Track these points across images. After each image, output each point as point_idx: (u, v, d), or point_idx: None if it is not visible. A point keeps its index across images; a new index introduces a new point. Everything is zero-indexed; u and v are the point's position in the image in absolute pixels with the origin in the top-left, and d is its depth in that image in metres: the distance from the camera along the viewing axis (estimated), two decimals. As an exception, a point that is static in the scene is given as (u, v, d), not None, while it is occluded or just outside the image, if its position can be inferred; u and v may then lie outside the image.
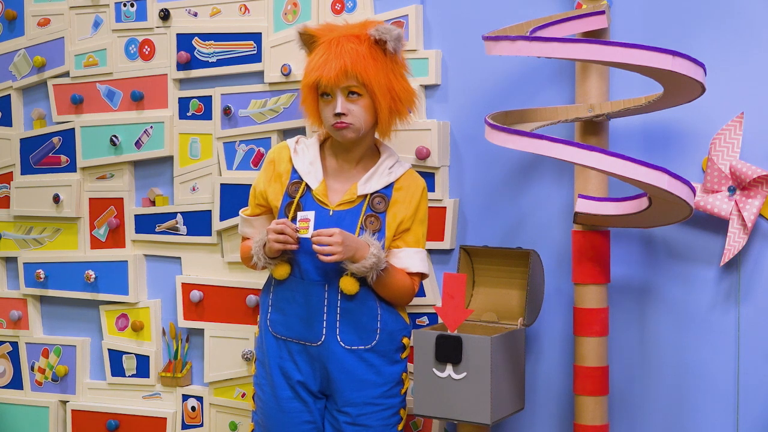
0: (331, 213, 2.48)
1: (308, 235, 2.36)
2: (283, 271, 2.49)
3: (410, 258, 2.53)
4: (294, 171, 2.55)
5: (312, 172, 2.53)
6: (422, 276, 2.58)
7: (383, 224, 2.48)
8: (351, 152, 2.54)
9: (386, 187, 2.52)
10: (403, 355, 2.57)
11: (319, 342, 2.48)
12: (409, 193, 2.53)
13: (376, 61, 2.43)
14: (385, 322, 2.51)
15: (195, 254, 3.19)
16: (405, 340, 2.57)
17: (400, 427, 2.57)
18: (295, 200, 2.50)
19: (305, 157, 2.56)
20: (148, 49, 3.21)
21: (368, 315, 2.49)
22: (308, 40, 2.52)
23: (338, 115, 2.44)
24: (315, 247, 2.35)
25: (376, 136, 2.58)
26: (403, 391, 2.57)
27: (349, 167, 2.55)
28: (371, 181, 2.51)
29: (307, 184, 2.52)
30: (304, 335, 2.50)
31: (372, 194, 2.50)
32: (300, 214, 2.40)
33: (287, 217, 2.49)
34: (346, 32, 2.46)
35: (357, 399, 2.49)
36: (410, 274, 2.53)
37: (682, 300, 2.60)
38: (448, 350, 2.46)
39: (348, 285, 2.44)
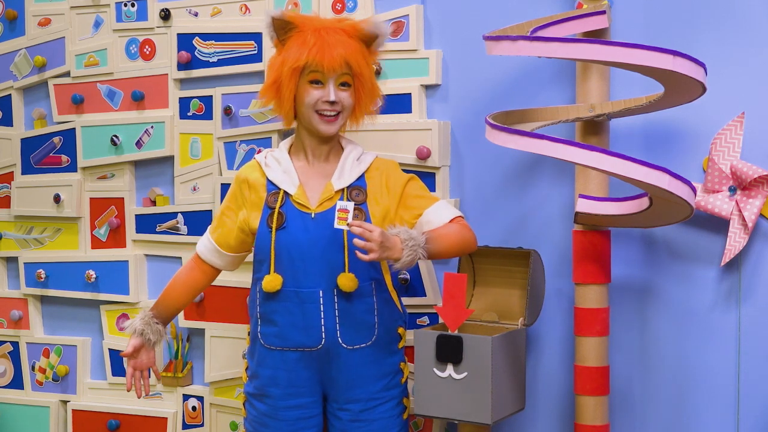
0: (313, 216, 2.45)
1: (345, 227, 2.30)
2: (276, 282, 2.44)
3: (437, 213, 2.50)
4: (269, 182, 2.51)
5: (288, 180, 2.49)
6: (461, 218, 2.55)
7: (367, 215, 2.45)
8: (320, 147, 2.53)
9: (359, 179, 2.50)
10: (400, 345, 2.56)
11: (319, 346, 2.45)
12: (384, 174, 2.52)
13: (364, 55, 2.47)
14: (382, 315, 2.49)
15: (196, 254, 3.19)
16: (400, 330, 2.56)
17: (405, 416, 2.56)
18: (276, 209, 2.45)
19: (278, 167, 2.52)
20: (149, 49, 3.21)
21: (366, 311, 2.46)
22: (282, 27, 2.47)
23: (332, 103, 2.44)
24: (356, 240, 2.25)
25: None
26: (403, 380, 2.56)
27: (319, 163, 2.52)
28: (344, 175, 2.49)
29: (285, 192, 2.48)
30: (302, 342, 2.46)
31: (348, 188, 2.48)
32: (339, 204, 2.34)
33: (271, 228, 2.44)
34: (331, 24, 2.47)
35: (359, 395, 2.48)
36: (450, 222, 2.50)
37: (682, 300, 2.59)
38: (449, 350, 2.46)
39: (347, 282, 2.41)
